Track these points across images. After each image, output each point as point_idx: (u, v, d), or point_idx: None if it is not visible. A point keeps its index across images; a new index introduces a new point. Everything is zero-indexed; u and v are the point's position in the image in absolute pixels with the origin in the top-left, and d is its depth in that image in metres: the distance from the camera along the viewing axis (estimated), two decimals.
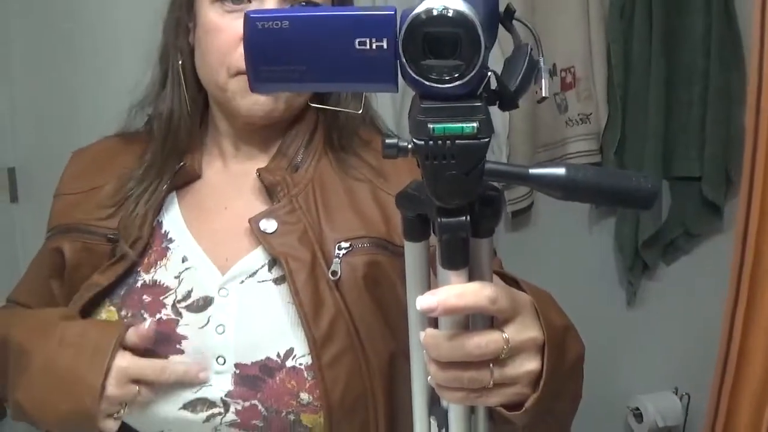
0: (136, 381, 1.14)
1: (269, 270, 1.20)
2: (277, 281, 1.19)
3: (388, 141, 0.76)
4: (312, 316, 1.14)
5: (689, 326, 2.81)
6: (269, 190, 1.24)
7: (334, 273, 1.17)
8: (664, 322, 2.85)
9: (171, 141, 1.29)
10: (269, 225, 1.20)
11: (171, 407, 1.17)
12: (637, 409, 2.89)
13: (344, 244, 1.19)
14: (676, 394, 2.87)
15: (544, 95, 0.79)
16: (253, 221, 1.20)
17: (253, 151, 1.31)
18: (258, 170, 1.25)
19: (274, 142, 1.30)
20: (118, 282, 1.24)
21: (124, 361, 1.14)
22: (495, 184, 0.85)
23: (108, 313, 1.22)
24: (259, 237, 1.19)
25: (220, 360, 1.16)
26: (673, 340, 2.87)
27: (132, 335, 1.16)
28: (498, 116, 2.48)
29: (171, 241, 1.25)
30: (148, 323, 1.18)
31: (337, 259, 1.18)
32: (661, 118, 2.55)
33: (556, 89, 2.57)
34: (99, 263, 1.24)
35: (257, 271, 1.20)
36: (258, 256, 1.21)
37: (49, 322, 1.21)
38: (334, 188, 1.25)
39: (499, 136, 2.48)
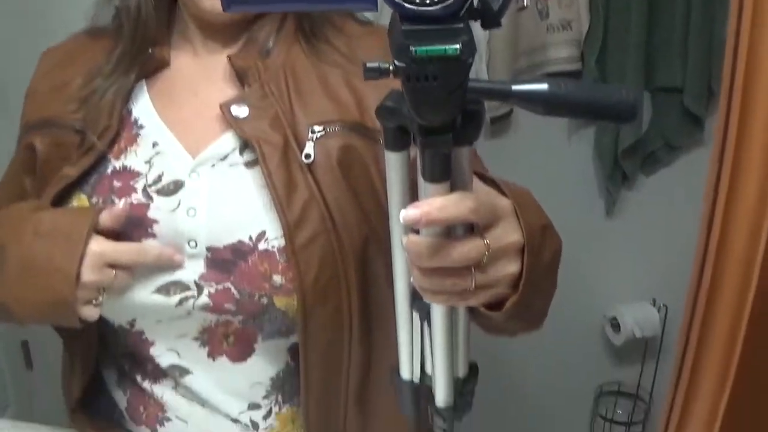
0: (112, 265, 1.14)
1: (240, 153, 1.20)
2: (249, 165, 1.19)
3: (368, 65, 0.76)
4: (285, 199, 1.14)
5: (668, 238, 2.82)
6: (240, 76, 1.23)
7: (307, 156, 1.16)
8: (643, 233, 2.86)
9: (139, 34, 1.26)
10: (241, 110, 1.19)
11: (144, 291, 1.19)
12: (615, 319, 2.91)
13: (317, 128, 1.18)
14: (654, 305, 2.89)
15: (525, 5, 0.78)
16: (225, 106, 1.19)
17: (223, 40, 1.29)
18: (228, 56, 1.24)
19: (243, 32, 1.28)
20: (88, 172, 1.23)
21: (98, 246, 1.14)
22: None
23: (79, 201, 1.22)
24: (231, 122, 1.18)
25: (192, 243, 1.17)
26: (651, 252, 2.88)
27: (105, 218, 1.16)
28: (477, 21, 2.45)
29: (141, 127, 1.25)
30: (121, 203, 1.18)
31: (311, 142, 1.17)
32: (644, 27, 2.51)
33: None
34: (69, 156, 1.23)
35: (228, 155, 1.20)
36: (229, 140, 1.21)
37: (22, 216, 1.20)
38: (306, 74, 1.23)
39: (480, 42, 2.45)
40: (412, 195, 0.90)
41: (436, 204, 0.81)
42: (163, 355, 1.26)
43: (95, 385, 1.40)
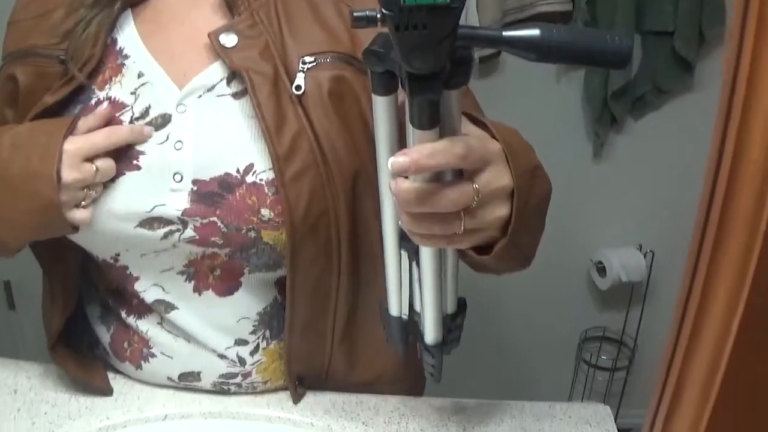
0: (90, 159, 1.13)
1: (228, 84, 1.17)
2: (236, 96, 1.17)
3: (356, 14, 0.75)
4: (274, 131, 1.12)
5: (655, 184, 2.82)
6: (229, 4, 1.19)
7: (297, 87, 1.14)
8: (630, 177, 2.86)
9: None
10: (229, 39, 1.15)
11: (126, 225, 1.16)
12: (601, 263, 2.92)
13: (308, 59, 1.16)
14: (640, 250, 2.89)
15: None
16: (213, 35, 1.15)
17: None
18: None
19: None
20: (70, 101, 1.20)
21: (71, 144, 1.12)
22: None
23: None
24: (219, 51, 1.15)
25: (177, 177, 1.15)
26: (638, 197, 2.88)
27: (85, 122, 1.15)
28: None
29: (126, 57, 1.21)
30: (104, 105, 1.17)
31: (301, 73, 1.15)
32: None
33: None
34: (51, 86, 1.19)
35: (215, 85, 1.17)
36: (216, 70, 1.18)
37: None
38: (296, 3, 1.20)
39: None
40: (401, 139, 0.89)
41: (425, 151, 0.81)
42: (147, 290, 1.25)
43: (77, 321, 1.39)
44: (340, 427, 1.26)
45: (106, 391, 1.33)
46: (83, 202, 1.14)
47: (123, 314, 1.31)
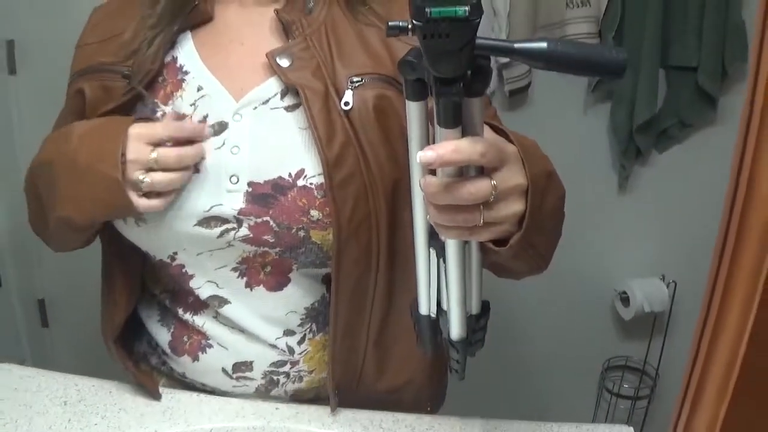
0: (153, 144, 1.23)
1: (281, 98, 1.29)
2: (289, 109, 1.28)
3: (391, 23, 0.85)
4: (325, 141, 1.23)
5: (679, 215, 2.85)
6: (286, 29, 1.31)
7: (346, 103, 1.26)
8: (655, 209, 2.90)
9: None
10: (285, 60, 1.27)
11: (186, 223, 1.28)
12: (625, 293, 2.95)
13: (355, 79, 1.28)
14: (663, 281, 2.92)
15: None
16: (270, 55, 1.27)
17: (267, 0, 1.36)
18: (276, 10, 1.32)
19: None
20: (133, 113, 1.31)
21: (136, 129, 1.23)
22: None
23: None
24: (276, 69, 1.27)
25: (234, 179, 1.26)
26: (662, 228, 2.92)
27: (164, 126, 1.26)
28: (499, 4, 2.49)
29: (186, 73, 1.32)
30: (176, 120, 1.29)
31: (349, 91, 1.27)
32: (661, 6, 2.54)
33: None
34: (115, 99, 1.31)
35: (270, 99, 1.29)
36: (272, 86, 1.29)
37: (67, 130, 1.28)
38: (345, 31, 1.32)
39: (500, 15, 2.50)
40: (429, 142, 0.99)
41: (450, 147, 0.90)
42: (202, 287, 1.36)
43: (132, 327, 1.49)
44: None
45: (155, 395, 1.41)
46: (144, 189, 1.22)
47: (180, 312, 1.41)
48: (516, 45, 0.88)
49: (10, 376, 1.46)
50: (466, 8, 0.79)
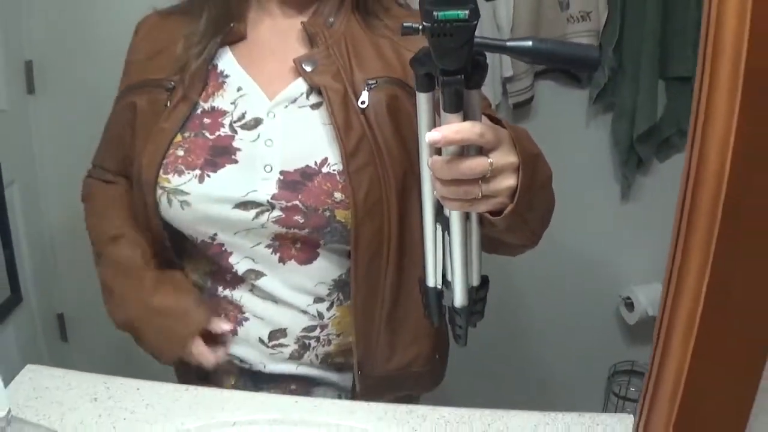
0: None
1: (307, 97, 1.49)
2: (313, 107, 1.48)
3: (405, 24, 1.03)
4: (344, 134, 1.43)
5: None
6: (311, 39, 1.50)
7: (362, 102, 1.45)
8: (656, 216, 2.94)
9: (222, 8, 1.53)
10: (309, 65, 1.47)
11: (225, 207, 1.48)
12: (629, 298, 3.03)
13: (371, 81, 1.46)
14: None
15: None
16: (297, 61, 1.48)
17: (297, 9, 1.54)
18: (302, 22, 1.51)
19: (312, 4, 1.54)
20: (174, 110, 1.52)
21: (195, 348, 1.57)
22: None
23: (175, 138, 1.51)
24: (302, 72, 1.47)
25: (267, 168, 1.47)
26: (664, 234, 2.93)
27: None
28: (503, 11, 2.57)
29: (226, 77, 1.53)
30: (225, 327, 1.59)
31: (365, 92, 1.45)
32: (659, 19, 2.62)
33: None
34: (160, 110, 1.52)
35: (297, 98, 1.49)
36: (299, 87, 1.49)
37: (139, 286, 1.60)
38: (362, 42, 1.51)
39: (503, 30, 2.58)
40: (436, 126, 1.14)
41: (453, 128, 1.07)
42: (240, 262, 1.55)
43: None
44: (385, 429, 1.40)
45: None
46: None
47: (220, 290, 1.61)
48: (507, 43, 1.08)
49: (41, 377, 1.54)
50: (466, 12, 0.97)
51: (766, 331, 0.81)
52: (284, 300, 1.56)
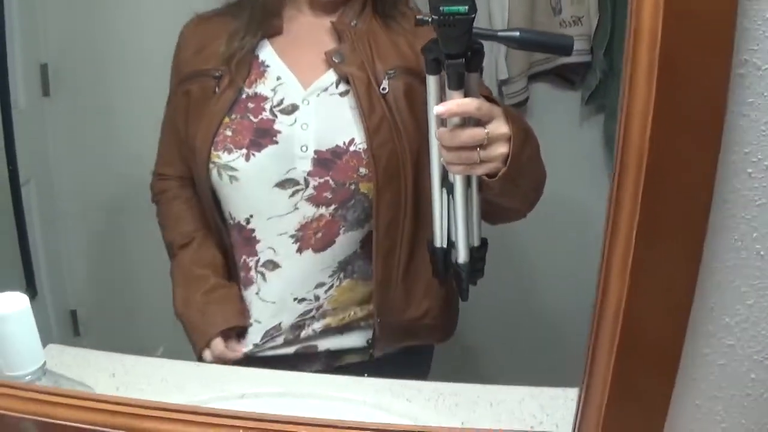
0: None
1: (336, 86, 1.70)
2: (342, 94, 1.69)
3: (417, 17, 1.36)
4: (368, 116, 1.65)
5: None
6: (339, 36, 1.72)
7: (383, 89, 1.66)
8: None
9: (263, 9, 1.74)
10: (337, 57, 1.69)
11: (266, 185, 1.70)
12: None
13: (390, 71, 1.67)
14: None
15: None
16: (327, 54, 1.70)
17: (326, 10, 1.76)
18: (331, 21, 1.74)
19: (336, 10, 1.75)
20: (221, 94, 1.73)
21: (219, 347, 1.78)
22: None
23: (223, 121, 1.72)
24: (332, 64, 1.69)
25: (303, 148, 1.68)
26: None
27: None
28: (498, 17, 2.67)
29: (267, 66, 1.74)
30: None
31: (386, 80, 1.67)
32: None
33: None
34: (209, 96, 1.73)
35: (328, 87, 1.70)
36: (329, 77, 1.71)
37: (197, 298, 1.81)
38: (381, 39, 1.73)
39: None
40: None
41: (455, 102, 1.37)
42: (263, 251, 1.76)
43: None
44: (387, 402, 1.50)
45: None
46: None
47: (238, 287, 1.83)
48: (499, 33, 1.39)
49: (62, 355, 1.65)
50: (466, 6, 1.25)
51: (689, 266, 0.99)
52: (285, 295, 1.78)
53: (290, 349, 1.82)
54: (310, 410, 1.20)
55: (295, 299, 1.77)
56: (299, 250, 1.73)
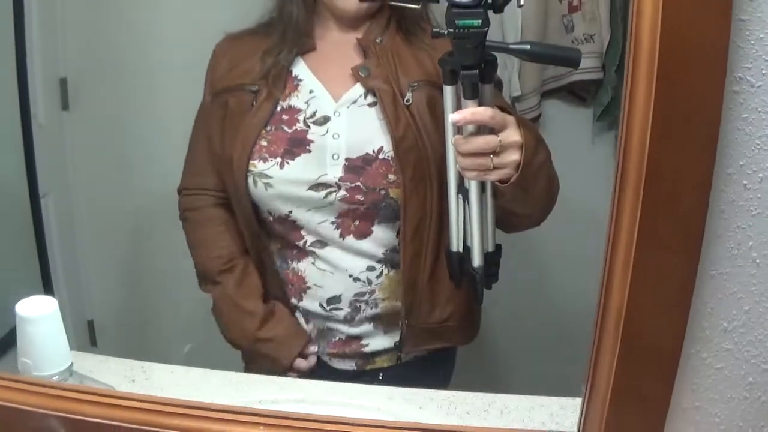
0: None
1: (364, 98, 1.80)
2: (370, 105, 1.79)
3: (434, 30, 1.43)
4: (394, 125, 1.74)
5: None
6: (365, 52, 1.82)
7: (407, 100, 1.76)
8: None
9: (295, 28, 1.83)
10: (364, 72, 1.79)
11: (301, 188, 1.79)
12: None
13: (413, 84, 1.77)
14: None
15: (521, 4, 1.39)
16: (354, 68, 1.80)
17: (352, 27, 1.86)
18: (357, 38, 1.84)
19: (364, 23, 1.85)
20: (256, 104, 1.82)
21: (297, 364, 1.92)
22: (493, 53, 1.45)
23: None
24: (359, 78, 1.79)
25: (335, 156, 1.78)
26: None
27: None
28: (511, 35, 2.70)
29: (300, 80, 1.84)
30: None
31: (409, 92, 1.76)
32: None
33: (564, 11, 2.77)
34: (245, 109, 1.83)
35: (357, 99, 1.80)
36: (357, 90, 1.81)
37: (246, 308, 1.93)
38: (404, 54, 1.83)
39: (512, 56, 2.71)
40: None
41: (470, 111, 1.44)
42: (308, 235, 1.86)
43: None
44: (399, 409, 1.55)
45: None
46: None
47: (288, 263, 1.92)
48: (510, 46, 1.45)
49: (85, 361, 1.69)
50: (480, 21, 1.34)
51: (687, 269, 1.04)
52: (341, 268, 1.87)
53: (346, 327, 1.93)
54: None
55: (350, 276, 1.87)
56: (341, 236, 1.83)
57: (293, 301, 1.94)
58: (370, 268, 1.87)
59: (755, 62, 0.95)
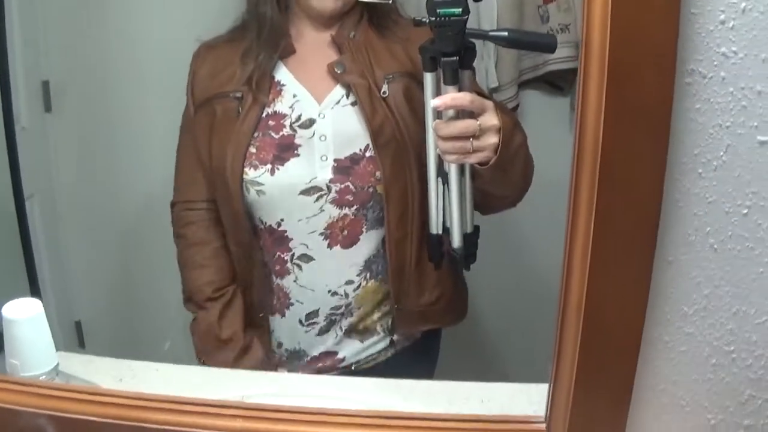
0: None
1: (346, 98, 1.85)
2: (353, 104, 1.84)
3: (416, 18, 1.48)
4: (371, 116, 1.80)
5: None
6: (339, 48, 1.87)
7: (383, 93, 1.81)
8: None
9: (269, 30, 1.85)
10: (339, 68, 1.84)
11: (292, 193, 1.83)
12: None
13: (389, 76, 1.83)
14: None
15: None
16: (330, 65, 1.85)
17: (326, 26, 1.90)
18: (331, 35, 1.88)
19: (337, 21, 1.89)
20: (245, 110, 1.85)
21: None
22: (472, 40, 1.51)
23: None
24: (334, 75, 1.84)
25: (324, 157, 1.83)
26: None
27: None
28: (487, 25, 2.72)
29: (283, 86, 1.88)
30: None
31: (385, 84, 1.82)
32: None
33: (539, 2, 2.78)
34: (231, 116, 1.85)
35: (340, 100, 1.85)
36: (339, 91, 1.85)
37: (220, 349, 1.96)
38: (378, 47, 1.88)
39: (489, 45, 2.73)
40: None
41: (450, 96, 1.50)
42: (297, 247, 1.89)
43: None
44: (382, 401, 1.57)
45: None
46: None
47: (273, 279, 1.95)
48: (490, 32, 1.53)
49: (71, 361, 1.68)
50: (461, 9, 1.41)
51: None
52: (321, 284, 1.91)
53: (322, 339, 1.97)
54: None
55: (329, 291, 1.91)
56: (329, 246, 1.87)
57: (277, 316, 1.99)
58: (349, 282, 1.92)
59: (706, 54, 1.00)
